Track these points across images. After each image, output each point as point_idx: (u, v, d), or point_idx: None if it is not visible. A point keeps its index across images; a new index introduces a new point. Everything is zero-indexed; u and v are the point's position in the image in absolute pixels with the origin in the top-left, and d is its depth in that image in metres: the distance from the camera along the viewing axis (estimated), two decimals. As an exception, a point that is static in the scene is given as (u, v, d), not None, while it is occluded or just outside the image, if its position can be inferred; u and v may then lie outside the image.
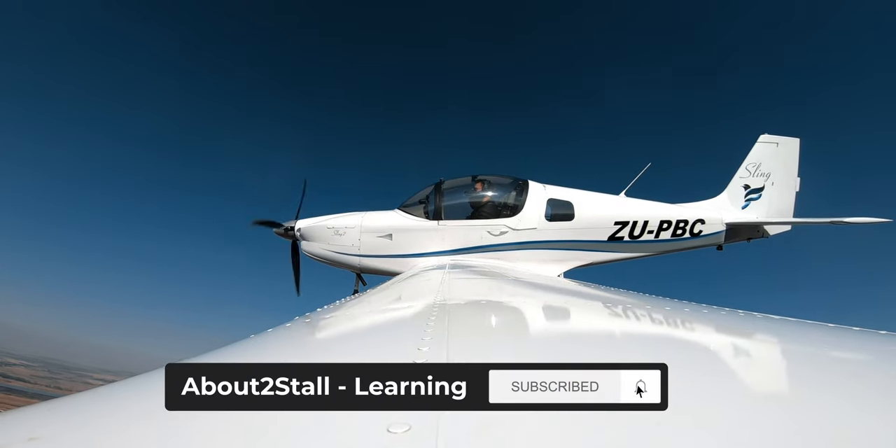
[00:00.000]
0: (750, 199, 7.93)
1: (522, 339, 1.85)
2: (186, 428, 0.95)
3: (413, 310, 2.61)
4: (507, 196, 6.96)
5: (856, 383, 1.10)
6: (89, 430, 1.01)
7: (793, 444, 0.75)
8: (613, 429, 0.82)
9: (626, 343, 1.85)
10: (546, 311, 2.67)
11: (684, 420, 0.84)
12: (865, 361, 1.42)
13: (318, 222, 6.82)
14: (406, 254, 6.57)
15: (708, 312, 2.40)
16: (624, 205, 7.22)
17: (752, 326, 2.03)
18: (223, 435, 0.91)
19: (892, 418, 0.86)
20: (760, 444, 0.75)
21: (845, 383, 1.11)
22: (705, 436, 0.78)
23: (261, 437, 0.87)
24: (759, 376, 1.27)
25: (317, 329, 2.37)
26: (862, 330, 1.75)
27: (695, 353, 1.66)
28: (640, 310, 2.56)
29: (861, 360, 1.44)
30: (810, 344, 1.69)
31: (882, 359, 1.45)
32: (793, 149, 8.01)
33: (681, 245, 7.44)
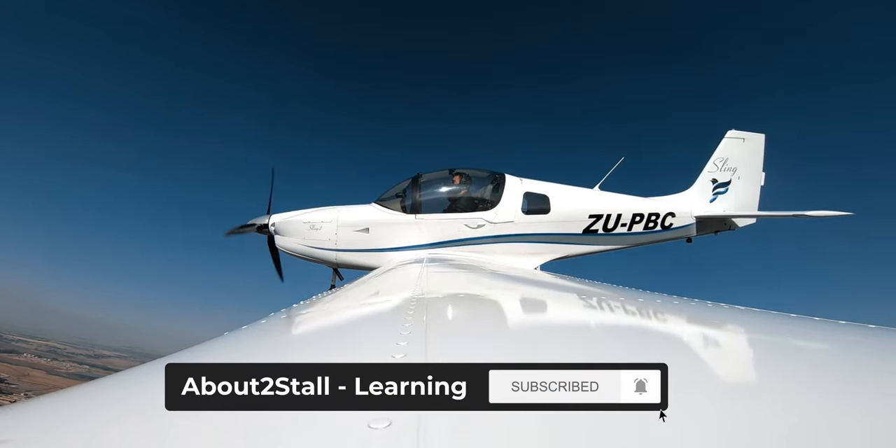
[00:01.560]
0: (717, 192, 8.20)
1: (501, 332, 1.85)
2: (182, 428, 0.91)
3: (391, 304, 2.59)
4: (484, 189, 6.98)
5: (852, 378, 1.13)
6: (63, 430, 0.97)
7: (794, 441, 0.77)
8: (614, 428, 0.82)
9: (606, 335, 1.88)
10: (524, 304, 2.69)
11: (685, 419, 0.85)
12: (858, 355, 1.46)
13: (292, 217, 6.67)
14: (383, 248, 6.52)
15: (682, 304, 2.47)
16: (598, 198, 7.35)
17: (741, 320, 2.06)
18: (223, 435, 0.89)
19: (887, 412, 0.88)
20: (761, 441, 0.76)
21: (837, 377, 1.14)
22: (706, 434, 0.80)
23: (263, 436, 0.85)
24: (757, 372, 1.30)
25: (293, 325, 2.32)
26: (849, 323, 1.80)
27: (681, 347, 1.70)
28: (616, 301, 2.61)
29: (853, 354, 1.48)
30: (808, 339, 1.73)
31: (870, 352, 1.49)
32: (758, 144, 8.30)
33: (652, 238, 7.64)
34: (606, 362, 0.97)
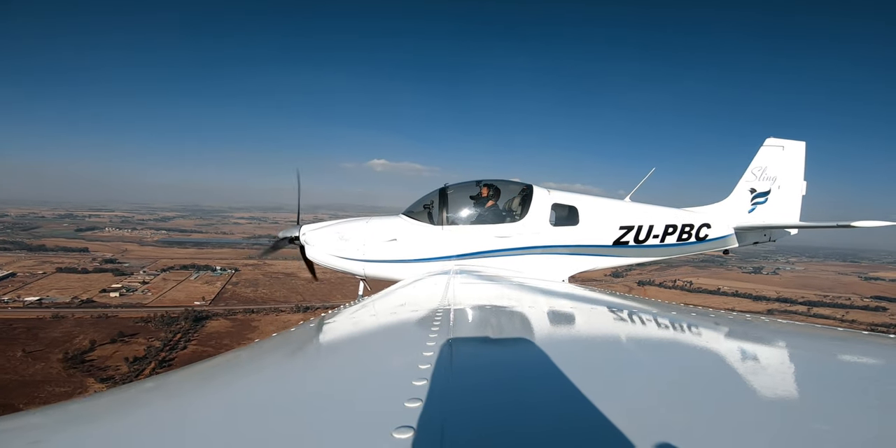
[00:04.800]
0: (756, 202, 7.89)
1: (529, 347, 1.84)
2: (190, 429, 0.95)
3: (417, 315, 2.60)
4: (512, 201, 6.95)
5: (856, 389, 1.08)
6: (97, 435, 1.02)
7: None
8: None
9: (635, 352, 1.83)
10: (552, 317, 2.65)
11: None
12: (868, 367, 1.39)
13: (321, 228, 6.81)
14: (411, 259, 6.55)
15: (718, 318, 2.38)
16: (629, 209, 7.20)
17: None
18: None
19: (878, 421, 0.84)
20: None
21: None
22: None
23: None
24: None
25: (321, 335, 2.37)
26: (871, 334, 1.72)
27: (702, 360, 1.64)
28: (648, 315, 2.54)
29: (863, 366, 1.41)
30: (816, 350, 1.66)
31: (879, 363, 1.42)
32: (798, 152, 7.96)
33: (687, 250, 7.39)
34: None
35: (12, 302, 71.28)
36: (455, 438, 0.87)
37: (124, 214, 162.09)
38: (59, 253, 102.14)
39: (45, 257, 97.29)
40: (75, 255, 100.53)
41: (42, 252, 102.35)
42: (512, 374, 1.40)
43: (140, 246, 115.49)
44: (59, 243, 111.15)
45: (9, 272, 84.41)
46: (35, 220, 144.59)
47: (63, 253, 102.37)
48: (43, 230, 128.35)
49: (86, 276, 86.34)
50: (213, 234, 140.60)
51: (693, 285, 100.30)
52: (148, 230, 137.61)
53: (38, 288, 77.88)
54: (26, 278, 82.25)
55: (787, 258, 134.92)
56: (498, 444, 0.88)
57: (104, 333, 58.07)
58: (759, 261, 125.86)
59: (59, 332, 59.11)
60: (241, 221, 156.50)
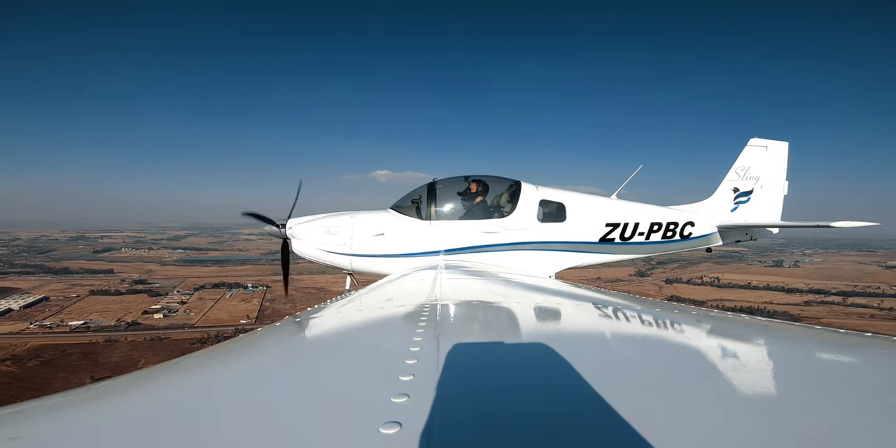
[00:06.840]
0: (739, 201, 8.04)
1: (515, 342, 1.84)
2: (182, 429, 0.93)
3: (404, 310, 2.60)
4: (500, 197, 6.96)
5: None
6: (77, 430, 1.00)
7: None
8: None
9: (620, 348, 1.86)
10: (538, 313, 2.67)
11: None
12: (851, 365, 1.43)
13: (309, 221, 6.73)
14: (398, 253, 6.53)
15: (700, 315, 2.42)
16: (615, 207, 7.28)
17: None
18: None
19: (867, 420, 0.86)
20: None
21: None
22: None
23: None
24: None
25: (307, 330, 2.35)
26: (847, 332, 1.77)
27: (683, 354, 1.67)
28: (632, 311, 2.57)
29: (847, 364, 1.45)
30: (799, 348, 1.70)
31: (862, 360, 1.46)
32: (781, 152, 8.12)
33: (671, 248, 7.51)
34: None
35: (55, 326, 68.97)
36: (442, 433, 0.87)
37: (135, 234, 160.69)
38: (84, 275, 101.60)
39: (72, 280, 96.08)
40: (102, 277, 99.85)
41: (67, 275, 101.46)
42: (499, 369, 1.41)
43: (162, 266, 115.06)
44: (81, 265, 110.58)
45: (41, 296, 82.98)
46: (49, 243, 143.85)
47: (89, 275, 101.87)
48: (60, 253, 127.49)
49: (121, 297, 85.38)
50: (230, 251, 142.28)
51: (721, 281, 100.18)
52: (164, 250, 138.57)
53: (78, 311, 76.35)
54: (62, 302, 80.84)
55: (802, 250, 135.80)
56: (485, 439, 0.89)
57: (164, 356, 56.53)
58: (776, 254, 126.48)
59: (118, 356, 57.41)
60: (251, 238, 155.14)
